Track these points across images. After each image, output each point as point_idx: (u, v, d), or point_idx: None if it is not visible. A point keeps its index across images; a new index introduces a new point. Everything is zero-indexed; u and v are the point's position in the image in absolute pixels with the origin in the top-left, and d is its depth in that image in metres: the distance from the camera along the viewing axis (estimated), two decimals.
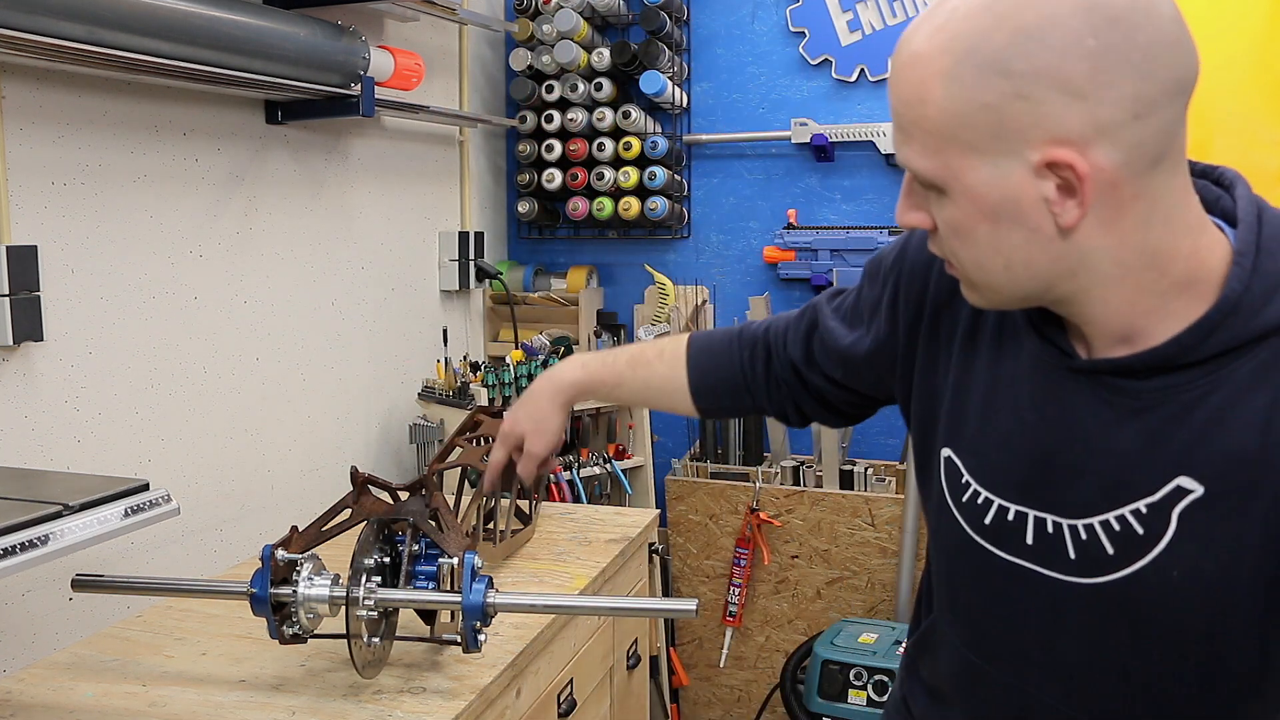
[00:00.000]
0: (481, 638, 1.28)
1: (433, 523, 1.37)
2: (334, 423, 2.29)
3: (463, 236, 2.71)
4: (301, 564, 1.31)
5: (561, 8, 2.76)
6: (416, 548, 1.36)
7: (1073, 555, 0.88)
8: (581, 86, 2.82)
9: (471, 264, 2.73)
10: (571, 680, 1.70)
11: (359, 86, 2.06)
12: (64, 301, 1.62)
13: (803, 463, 2.77)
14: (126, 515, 1.26)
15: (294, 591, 1.29)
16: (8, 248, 1.50)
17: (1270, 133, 2.45)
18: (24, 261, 1.52)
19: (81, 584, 1.41)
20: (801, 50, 2.82)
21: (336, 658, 1.42)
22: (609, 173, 2.84)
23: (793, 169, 2.85)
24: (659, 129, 2.89)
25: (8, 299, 1.49)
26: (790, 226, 2.82)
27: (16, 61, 1.52)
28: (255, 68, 1.79)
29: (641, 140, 2.80)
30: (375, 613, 1.28)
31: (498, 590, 1.27)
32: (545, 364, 2.55)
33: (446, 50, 2.71)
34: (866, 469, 2.69)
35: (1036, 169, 0.75)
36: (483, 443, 1.86)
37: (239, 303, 1.99)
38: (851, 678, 2.41)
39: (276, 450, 2.10)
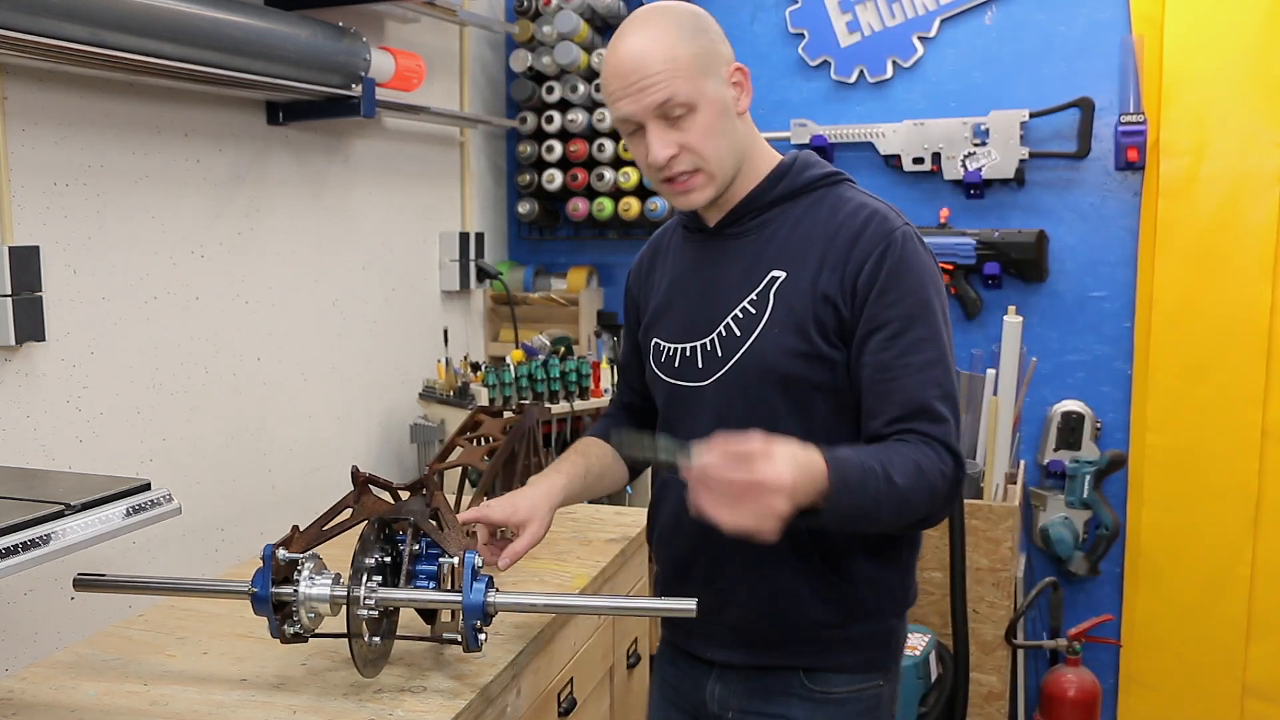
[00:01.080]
0: (482, 637, 1.29)
1: (433, 522, 1.38)
2: (335, 422, 2.29)
3: (463, 237, 2.72)
4: (302, 563, 1.31)
5: (561, 9, 2.77)
6: (417, 547, 1.36)
7: (721, 354, 1.34)
8: (582, 88, 2.83)
9: (472, 264, 2.74)
10: (571, 679, 1.71)
11: (360, 88, 2.06)
12: (66, 302, 1.63)
13: None
14: (128, 515, 1.27)
15: (295, 591, 1.30)
16: (10, 248, 1.50)
17: (1270, 133, 2.45)
18: (26, 262, 1.53)
19: (83, 583, 1.41)
20: (801, 52, 2.83)
21: (337, 657, 1.42)
22: (609, 173, 2.85)
23: None
24: None
25: (10, 299, 1.50)
26: None
27: (19, 63, 1.52)
28: (256, 69, 1.80)
29: None
30: (376, 612, 1.29)
31: (498, 590, 1.28)
32: (545, 364, 2.55)
33: (447, 51, 2.71)
34: None
35: (727, 79, 1.30)
36: (483, 442, 1.86)
37: (240, 303, 2.00)
38: None
39: (278, 450, 2.11)
